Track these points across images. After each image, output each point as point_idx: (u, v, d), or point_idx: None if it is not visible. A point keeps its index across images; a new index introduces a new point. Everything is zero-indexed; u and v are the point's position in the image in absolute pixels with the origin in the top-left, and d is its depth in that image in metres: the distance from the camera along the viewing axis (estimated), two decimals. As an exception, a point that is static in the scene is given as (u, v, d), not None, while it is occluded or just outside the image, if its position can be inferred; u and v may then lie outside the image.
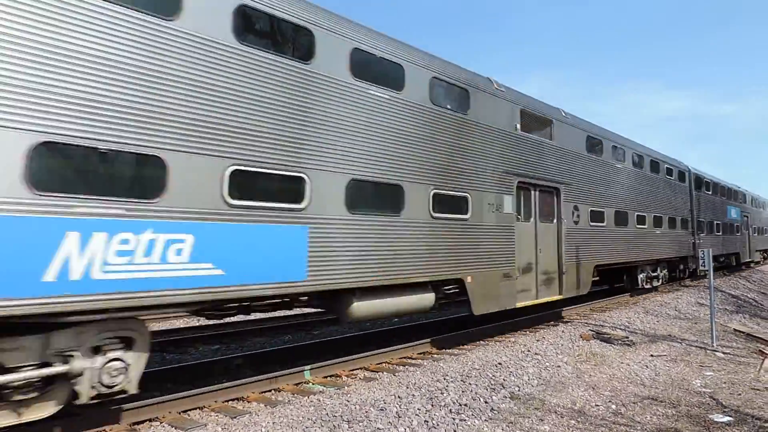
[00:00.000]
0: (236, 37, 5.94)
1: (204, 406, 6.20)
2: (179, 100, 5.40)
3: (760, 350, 9.81)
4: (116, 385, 5.11)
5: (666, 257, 18.55)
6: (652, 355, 9.32)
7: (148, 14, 5.20)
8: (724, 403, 6.75)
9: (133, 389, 5.29)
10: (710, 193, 24.53)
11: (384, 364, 8.39)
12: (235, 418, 5.74)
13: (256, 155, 5.99)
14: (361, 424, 5.56)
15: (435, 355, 8.97)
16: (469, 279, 8.92)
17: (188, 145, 5.42)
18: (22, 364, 4.59)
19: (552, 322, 12.34)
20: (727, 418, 6.12)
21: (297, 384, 7.24)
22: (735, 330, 12.30)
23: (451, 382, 7.07)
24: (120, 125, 4.92)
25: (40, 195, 4.37)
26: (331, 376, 7.69)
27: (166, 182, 5.23)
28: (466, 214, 9.02)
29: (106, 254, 4.71)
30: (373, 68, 7.57)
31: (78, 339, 4.91)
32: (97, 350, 5.04)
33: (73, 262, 4.51)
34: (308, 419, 5.63)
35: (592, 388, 7.29)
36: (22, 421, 4.72)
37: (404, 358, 8.82)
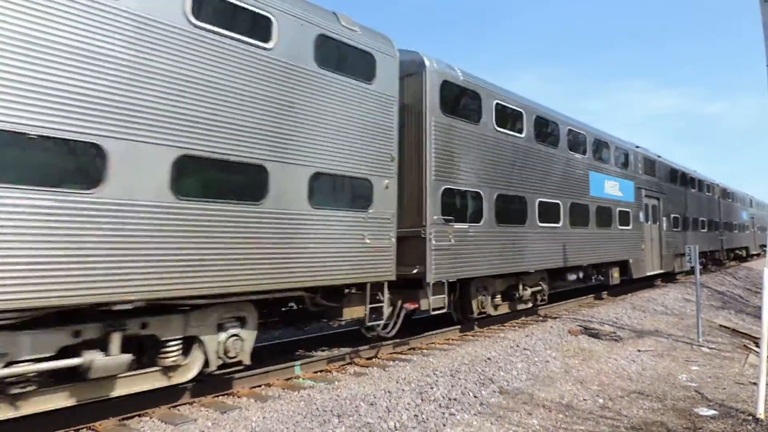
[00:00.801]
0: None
1: (194, 401, 6.19)
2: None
3: (744, 345, 9.95)
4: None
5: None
6: (639, 350, 9.43)
7: None
8: (709, 397, 6.84)
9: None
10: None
11: (374, 360, 8.42)
12: (224, 413, 5.74)
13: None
14: (351, 418, 5.58)
15: (425, 351, 9.01)
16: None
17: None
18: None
19: (541, 318, 12.43)
20: (712, 412, 6.21)
21: (287, 379, 7.24)
22: (720, 326, 12.46)
23: (441, 376, 7.11)
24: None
25: None
26: (321, 371, 7.70)
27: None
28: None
29: None
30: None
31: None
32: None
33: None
34: (298, 414, 5.64)
35: (580, 383, 7.36)
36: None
37: (394, 353, 8.86)
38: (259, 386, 6.93)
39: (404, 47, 8.96)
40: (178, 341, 5.74)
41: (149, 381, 5.65)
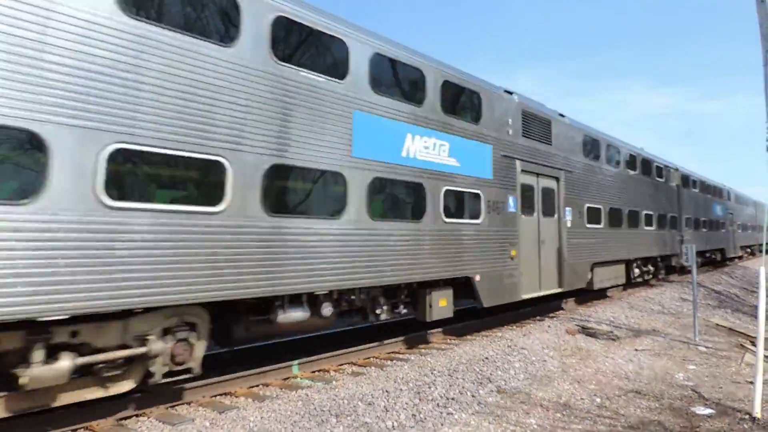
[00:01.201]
0: None
1: (191, 401, 6.19)
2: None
3: (741, 344, 9.99)
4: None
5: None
6: (636, 350, 9.45)
7: None
8: (706, 396, 6.87)
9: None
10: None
11: (372, 359, 8.42)
12: (222, 413, 5.74)
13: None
14: (349, 418, 5.58)
15: (422, 350, 9.01)
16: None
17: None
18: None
19: (538, 317, 12.46)
20: (709, 411, 6.23)
21: (285, 379, 7.24)
22: (717, 325, 12.50)
23: (439, 376, 7.12)
24: None
25: None
26: (319, 370, 7.70)
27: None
28: None
29: None
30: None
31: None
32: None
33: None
34: (296, 414, 5.64)
35: (578, 382, 7.38)
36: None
37: (392, 352, 8.86)
38: (257, 386, 6.93)
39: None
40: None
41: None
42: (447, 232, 9.04)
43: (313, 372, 7.62)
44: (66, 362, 4.81)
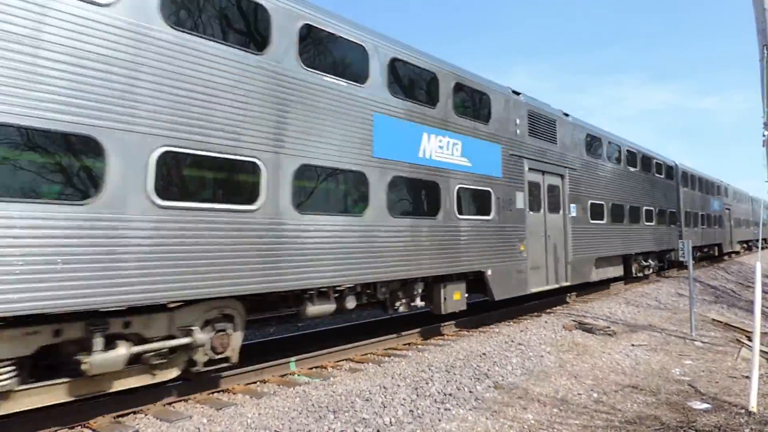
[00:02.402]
0: None
1: (189, 398, 6.18)
2: None
3: (737, 339, 10.03)
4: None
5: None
6: (632, 345, 9.48)
7: None
8: (702, 390, 6.89)
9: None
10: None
11: (369, 355, 8.42)
12: (220, 409, 5.73)
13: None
14: (346, 414, 5.59)
15: (420, 346, 9.02)
16: None
17: None
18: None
19: (535, 313, 12.48)
20: (705, 405, 6.25)
21: (282, 375, 7.24)
22: (713, 320, 12.55)
23: (436, 372, 7.13)
24: None
25: None
26: (316, 367, 7.70)
27: None
28: None
29: None
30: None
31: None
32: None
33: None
34: (294, 410, 5.65)
35: (575, 377, 7.40)
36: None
37: (389, 349, 8.87)
38: (255, 383, 6.93)
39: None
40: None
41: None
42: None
43: (311, 368, 7.62)
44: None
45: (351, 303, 7.68)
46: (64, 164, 4.76)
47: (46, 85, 4.63)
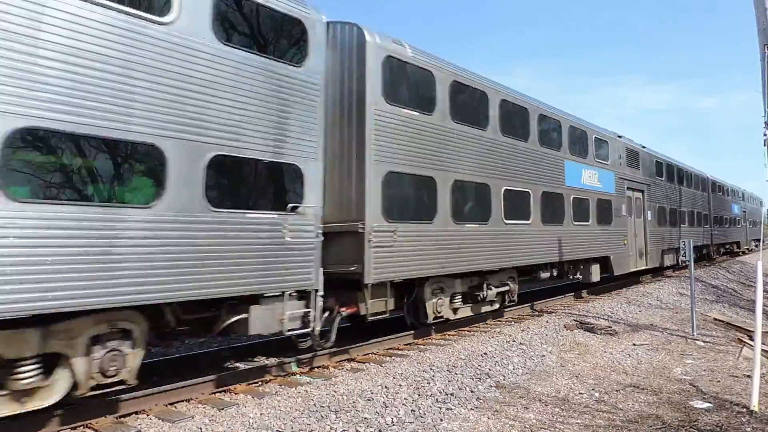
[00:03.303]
0: None
1: (191, 399, 6.18)
2: None
3: (738, 338, 10.01)
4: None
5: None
6: (634, 344, 9.48)
7: None
8: (704, 390, 6.89)
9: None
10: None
11: (371, 355, 8.43)
12: (222, 409, 5.74)
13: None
14: (348, 414, 5.59)
15: (421, 346, 9.03)
16: None
17: None
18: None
19: (537, 313, 12.48)
20: (707, 405, 6.25)
21: (284, 375, 7.25)
22: (715, 319, 12.54)
23: (438, 372, 7.13)
24: None
25: None
26: (318, 367, 7.71)
27: None
28: None
29: None
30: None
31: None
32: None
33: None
34: (296, 410, 5.65)
35: (576, 377, 7.40)
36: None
37: (391, 349, 8.87)
38: (257, 382, 6.93)
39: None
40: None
41: None
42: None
43: (312, 368, 7.63)
44: None
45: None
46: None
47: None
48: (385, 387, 6.44)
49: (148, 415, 5.66)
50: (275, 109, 6.53)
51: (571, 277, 14.21)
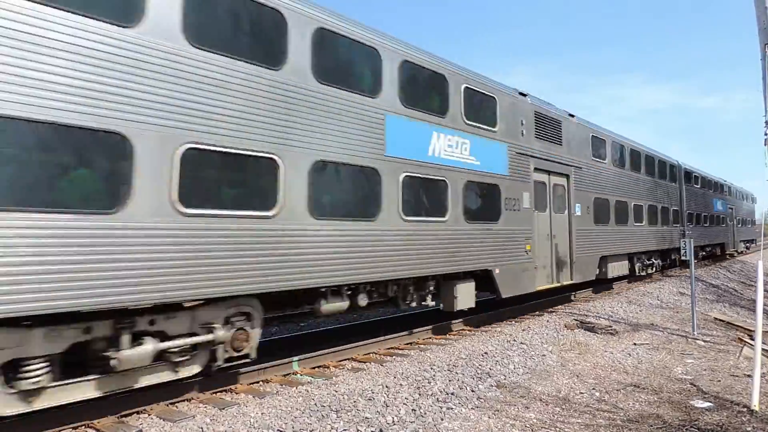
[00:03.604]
0: None
1: (192, 398, 6.20)
2: None
3: (739, 338, 10.02)
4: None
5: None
6: (634, 344, 9.49)
7: None
8: (704, 389, 6.90)
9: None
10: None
11: (371, 355, 8.44)
12: (223, 409, 5.75)
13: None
14: (349, 413, 5.60)
15: (422, 345, 9.03)
16: None
17: None
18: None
19: (537, 312, 12.49)
20: (707, 404, 6.26)
21: (285, 375, 7.26)
22: (715, 318, 12.54)
23: (438, 371, 7.14)
24: None
25: None
26: (319, 367, 7.72)
27: None
28: None
29: None
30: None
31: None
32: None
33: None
34: (297, 409, 5.66)
35: (577, 376, 7.41)
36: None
37: (391, 348, 8.88)
38: (258, 382, 6.95)
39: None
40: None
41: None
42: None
43: (313, 368, 7.63)
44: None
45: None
46: None
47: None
48: (386, 386, 6.45)
49: (149, 415, 5.67)
50: None
51: (409, 304, 8.96)
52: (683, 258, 11.77)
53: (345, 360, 8.09)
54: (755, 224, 41.53)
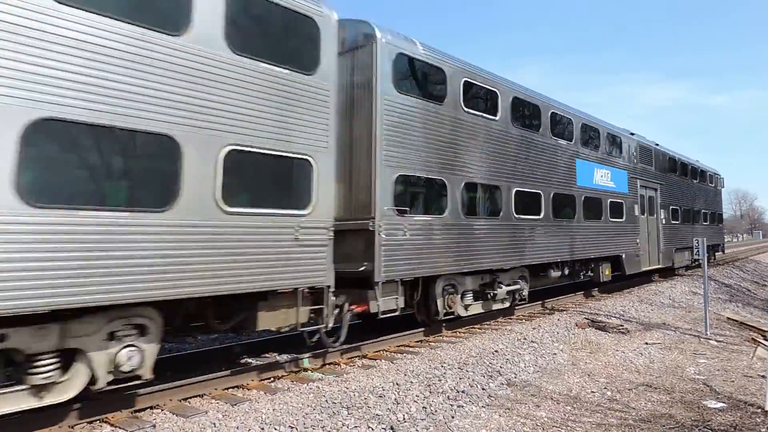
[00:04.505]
0: None
1: (204, 394, 6.25)
2: None
3: (752, 338, 9.93)
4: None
5: None
6: (646, 343, 9.43)
7: None
8: (717, 389, 6.85)
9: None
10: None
11: (382, 352, 8.46)
12: (235, 405, 5.80)
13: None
14: (360, 410, 5.63)
15: (432, 343, 9.04)
16: None
17: None
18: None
19: (548, 311, 12.44)
20: (720, 405, 6.22)
21: (296, 372, 7.30)
22: (728, 318, 12.43)
23: (449, 369, 7.14)
24: None
25: None
26: (329, 364, 7.75)
27: None
28: None
29: None
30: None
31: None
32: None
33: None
34: (308, 406, 5.69)
35: (588, 375, 7.38)
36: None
37: (402, 346, 8.89)
38: (269, 379, 6.99)
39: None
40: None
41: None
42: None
43: (324, 365, 7.67)
44: None
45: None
46: None
47: None
48: (397, 384, 6.47)
49: (162, 410, 5.73)
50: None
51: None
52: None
53: (355, 357, 8.12)
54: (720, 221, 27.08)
